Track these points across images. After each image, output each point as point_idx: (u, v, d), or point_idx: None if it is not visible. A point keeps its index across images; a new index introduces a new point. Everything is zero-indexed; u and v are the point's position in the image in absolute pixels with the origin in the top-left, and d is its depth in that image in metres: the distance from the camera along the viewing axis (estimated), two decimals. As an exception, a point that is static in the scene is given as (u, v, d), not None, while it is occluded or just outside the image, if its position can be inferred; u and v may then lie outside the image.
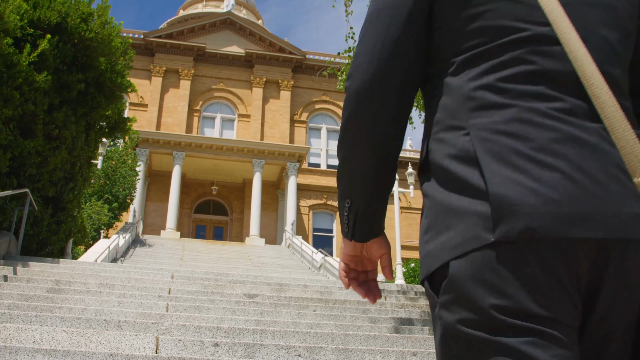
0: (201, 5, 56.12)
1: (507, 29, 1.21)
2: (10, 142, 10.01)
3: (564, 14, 1.19)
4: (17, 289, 7.63)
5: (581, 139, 1.12)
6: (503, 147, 1.12)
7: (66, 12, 11.29)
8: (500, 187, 1.09)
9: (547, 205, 1.07)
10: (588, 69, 1.14)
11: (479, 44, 1.23)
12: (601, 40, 1.23)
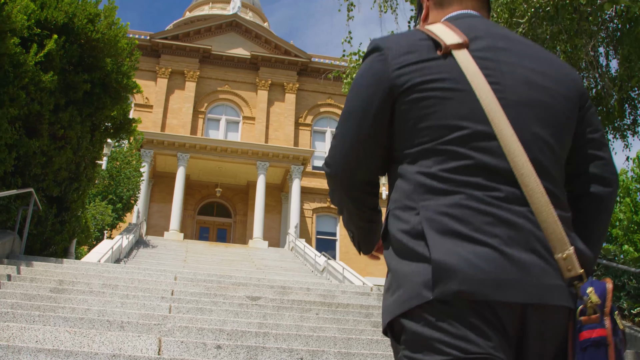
0: (207, 7, 56.22)
1: (452, 127, 1.49)
2: (15, 142, 10.02)
3: (503, 114, 1.48)
4: (20, 288, 7.63)
5: (510, 221, 1.41)
6: (445, 226, 1.41)
7: (73, 12, 11.31)
8: (440, 255, 1.37)
9: (477, 273, 1.35)
10: (520, 160, 1.44)
11: (429, 140, 1.51)
12: (534, 136, 1.51)
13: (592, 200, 1.64)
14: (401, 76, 1.53)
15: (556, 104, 1.57)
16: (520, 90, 1.54)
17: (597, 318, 1.40)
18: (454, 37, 1.56)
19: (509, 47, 1.61)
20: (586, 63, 10.23)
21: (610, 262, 8.95)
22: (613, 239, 19.93)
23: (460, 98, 1.50)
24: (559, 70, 1.64)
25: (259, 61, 41.59)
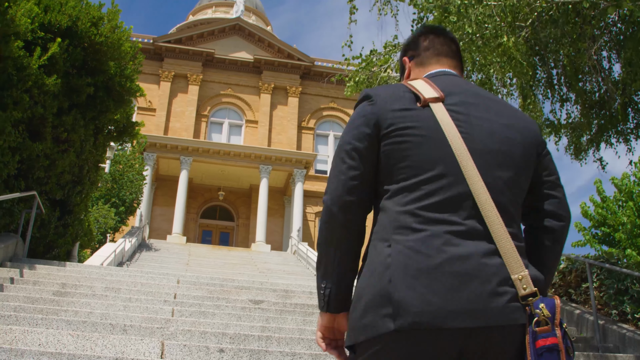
0: (210, 11, 56.29)
1: (426, 168, 1.76)
2: (19, 145, 10.03)
3: (470, 159, 1.76)
4: (23, 291, 7.64)
5: (469, 254, 1.66)
6: (409, 260, 1.65)
7: (77, 16, 11.32)
8: (401, 291, 1.62)
9: (430, 306, 1.59)
10: (483, 199, 1.72)
11: (406, 177, 1.77)
12: (496, 179, 1.79)
13: (547, 233, 1.95)
14: (387, 120, 1.83)
15: (516, 152, 1.87)
16: (486, 140, 1.84)
17: (549, 328, 1.66)
18: (431, 92, 1.87)
19: (478, 103, 1.92)
20: (589, 67, 10.22)
21: (613, 266, 8.93)
22: (616, 243, 19.86)
23: (435, 144, 1.79)
24: (520, 123, 1.94)
25: (262, 65, 41.64)
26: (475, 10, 8.07)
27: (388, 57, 10.73)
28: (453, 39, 2.18)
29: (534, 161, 1.93)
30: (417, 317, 1.59)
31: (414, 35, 2.22)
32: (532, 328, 1.65)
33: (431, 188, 1.75)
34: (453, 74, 2.06)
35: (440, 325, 1.59)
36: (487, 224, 1.71)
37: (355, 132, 1.87)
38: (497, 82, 10.39)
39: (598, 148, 11.30)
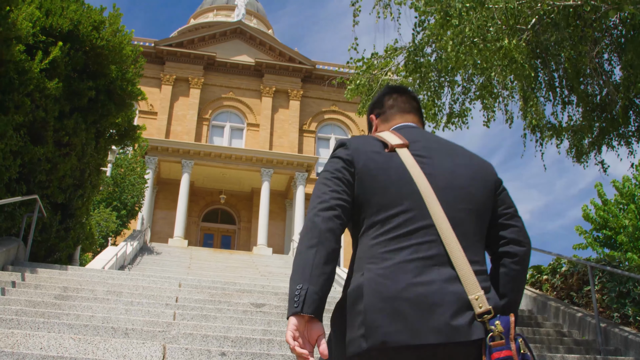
0: (212, 14, 56.35)
1: (395, 204, 2.00)
2: (20, 149, 10.04)
3: (434, 195, 2.01)
4: (25, 295, 7.64)
5: (433, 280, 1.88)
6: (379, 286, 1.88)
7: (78, 19, 11.33)
8: (371, 314, 1.85)
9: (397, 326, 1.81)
10: (445, 229, 1.96)
11: (377, 212, 2.01)
12: (457, 212, 2.03)
13: (510, 257, 2.17)
14: (360, 161, 2.10)
15: (475, 188, 2.13)
16: (447, 178, 2.10)
17: (504, 342, 1.85)
18: (397, 140, 2.17)
19: (439, 148, 2.20)
20: (590, 70, 10.22)
21: (615, 268, 8.92)
22: (618, 246, 19.84)
23: (402, 183, 2.05)
24: (478, 164, 2.22)
25: (263, 68, 41.67)
26: (476, 13, 8.07)
27: (389, 61, 10.74)
28: (414, 97, 2.51)
29: (492, 197, 2.19)
30: (386, 336, 1.82)
31: (379, 96, 2.54)
32: (487, 342, 1.85)
33: (399, 221, 2.00)
34: (415, 127, 2.38)
35: (407, 342, 1.81)
36: (448, 252, 1.95)
37: (335, 166, 2.13)
38: (499, 85, 10.39)
39: (599, 151, 11.29)
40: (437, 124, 10.90)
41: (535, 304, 10.74)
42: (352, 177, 2.09)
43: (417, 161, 2.11)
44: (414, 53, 10.17)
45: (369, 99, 10.77)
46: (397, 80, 10.68)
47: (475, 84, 10.68)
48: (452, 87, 10.79)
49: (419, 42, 10.14)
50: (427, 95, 10.59)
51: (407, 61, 10.22)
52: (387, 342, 1.82)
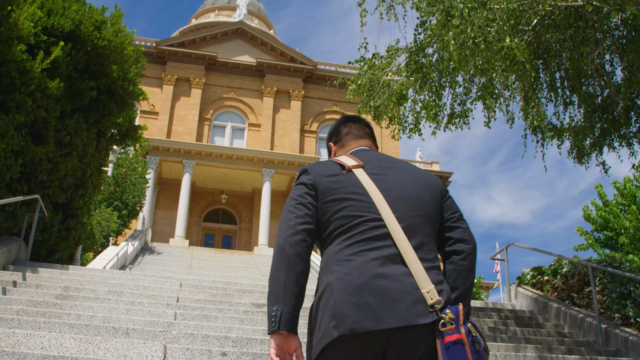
0: (213, 14, 56.36)
1: (355, 216, 2.36)
2: (21, 148, 10.04)
3: (388, 207, 2.37)
4: (26, 294, 7.64)
5: (390, 275, 2.23)
6: (346, 283, 2.21)
7: (80, 19, 11.34)
8: (340, 307, 2.17)
9: (362, 315, 2.13)
10: (398, 234, 2.31)
11: (341, 225, 2.37)
12: (409, 219, 2.39)
13: (458, 254, 2.49)
14: (321, 184, 2.46)
15: (423, 198, 2.50)
16: (399, 191, 2.47)
17: (454, 327, 2.17)
18: (353, 162, 2.53)
19: (391, 166, 2.57)
20: (592, 70, 10.21)
21: (616, 269, 8.91)
22: (619, 247, 19.81)
23: (360, 198, 2.41)
24: (425, 178, 2.59)
25: (264, 68, 41.69)
26: (478, 13, 8.07)
27: (390, 61, 10.73)
28: (367, 124, 2.90)
29: (439, 204, 2.56)
30: (354, 324, 2.14)
31: (335, 126, 2.92)
32: (439, 328, 2.18)
33: (360, 230, 2.36)
34: (368, 150, 2.75)
35: (373, 327, 2.13)
36: (402, 253, 2.30)
37: (299, 192, 2.47)
38: (500, 86, 10.38)
39: (601, 152, 11.27)
40: (438, 125, 10.89)
41: (536, 304, 10.74)
42: (314, 199, 2.45)
43: (372, 178, 2.49)
44: (415, 53, 10.17)
45: (370, 100, 10.77)
46: (398, 81, 10.65)
47: (476, 84, 10.68)
48: (453, 88, 10.78)
49: (420, 43, 10.13)
50: (428, 95, 10.59)
51: (409, 61, 10.21)
52: (355, 329, 2.14)
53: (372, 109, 10.82)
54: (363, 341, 2.15)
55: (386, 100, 10.63)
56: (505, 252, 12.21)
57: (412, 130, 11.11)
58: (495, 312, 10.36)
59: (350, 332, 2.13)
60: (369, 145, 2.81)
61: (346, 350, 2.17)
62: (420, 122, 11.01)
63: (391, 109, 10.94)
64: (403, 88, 10.74)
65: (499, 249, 12.62)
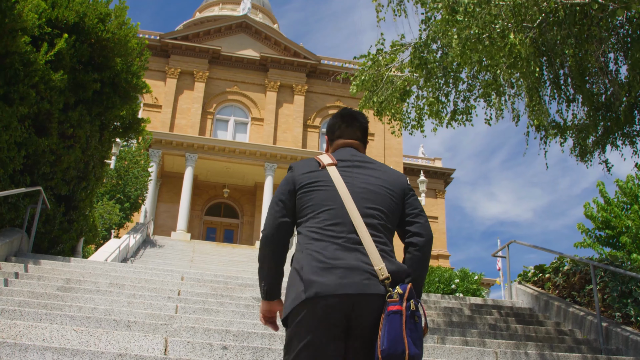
0: (217, 8, 56.31)
1: (323, 205, 2.90)
2: (25, 140, 10.05)
3: (351, 198, 2.89)
4: (27, 286, 7.66)
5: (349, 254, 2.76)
6: (313, 259, 2.75)
7: (84, 12, 11.34)
8: (308, 276, 2.70)
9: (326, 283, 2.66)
10: (358, 222, 2.82)
11: (312, 211, 2.91)
12: (368, 209, 2.91)
13: (414, 246, 3.00)
14: (300, 180, 3.04)
15: (383, 193, 3.01)
16: (362, 186, 3.00)
17: (398, 301, 2.68)
18: (329, 160, 3.08)
19: (362, 166, 3.10)
20: (596, 68, 10.19)
21: (617, 268, 8.91)
22: (621, 246, 19.79)
23: (328, 190, 2.97)
24: (390, 177, 3.10)
25: (268, 62, 41.65)
26: (482, 10, 8.05)
27: (394, 57, 10.71)
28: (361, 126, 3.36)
29: (401, 200, 3.07)
30: (318, 289, 2.69)
31: (331, 124, 3.38)
32: (386, 300, 2.71)
33: (326, 216, 2.91)
34: (349, 149, 3.24)
35: (333, 292, 2.67)
36: (360, 237, 2.84)
37: (281, 190, 3.06)
38: (505, 83, 10.36)
39: (604, 150, 11.24)
40: (441, 121, 10.87)
41: (537, 302, 10.74)
42: (293, 195, 3.03)
43: (342, 175, 3.04)
44: (419, 49, 10.15)
45: (372, 96, 10.76)
46: (401, 77, 10.65)
47: (480, 80, 10.65)
48: (456, 84, 10.76)
49: (425, 38, 10.11)
50: (432, 92, 10.57)
51: (413, 57, 10.18)
52: (319, 292, 2.69)
53: (375, 105, 10.80)
54: (330, 303, 2.69)
55: (389, 96, 10.62)
56: (506, 250, 12.21)
57: (414, 127, 11.10)
58: (495, 309, 10.36)
59: (315, 295, 2.68)
60: (355, 145, 3.30)
61: (311, 309, 2.70)
62: (422, 119, 11.00)
63: (394, 105, 10.92)
64: (406, 84, 10.73)
65: (501, 246, 12.62)
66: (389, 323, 2.67)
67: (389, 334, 2.66)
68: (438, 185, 48.44)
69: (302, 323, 2.72)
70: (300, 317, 2.72)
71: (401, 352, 2.65)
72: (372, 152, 41.27)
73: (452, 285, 21.09)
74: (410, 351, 2.66)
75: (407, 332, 2.68)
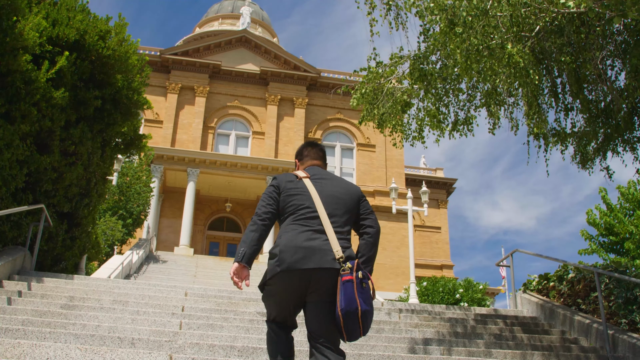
0: (217, 23, 56.52)
1: (299, 206, 4.15)
2: (26, 158, 10.07)
3: (320, 201, 4.15)
4: (31, 304, 7.65)
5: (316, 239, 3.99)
6: (289, 241, 3.98)
7: (84, 29, 11.38)
8: (283, 254, 3.93)
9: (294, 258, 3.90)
10: (324, 217, 4.07)
11: (291, 210, 4.16)
12: (333, 210, 4.15)
13: (366, 235, 4.20)
14: (283, 186, 4.25)
15: (343, 198, 4.22)
16: (328, 193, 4.20)
17: (349, 273, 3.83)
18: (303, 174, 4.31)
19: (327, 178, 4.34)
20: (595, 76, 10.20)
21: (622, 274, 8.88)
22: (624, 252, 19.75)
23: (304, 195, 4.16)
24: (349, 188, 4.34)
25: (268, 76, 41.77)
26: (480, 21, 8.07)
27: (394, 69, 10.73)
28: (321, 149, 4.70)
29: (357, 204, 4.29)
30: (289, 265, 3.87)
31: (300, 149, 4.69)
32: (340, 273, 3.86)
33: (301, 213, 4.11)
34: (317, 167, 4.54)
35: (300, 267, 3.86)
36: (325, 228, 4.03)
37: (269, 190, 4.29)
38: (504, 93, 10.37)
39: (605, 157, 11.23)
40: (442, 132, 10.87)
41: (542, 310, 10.71)
42: (278, 195, 4.26)
43: (314, 184, 4.27)
44: (419, 61, 10.17)
45: (373, 108, 10.76)
46: (401, 89, 10.65)
47: (480, 91, 10.66)
48: (456, 95, 10.76)
49: (424, 51, 10.13)
50: (432, 103, 10.57)
51: (412, 69, 10.20)
52: (290, 266, 3.88)
53: (375, 117, 10.81)
54: (294, 275, 3.89)
55: (390, 108, 10.62)
56: (510, 259, 12.19)
57: (416, 138, 11.10)
58: (500, 319, 10.33)
59: (287, 268, 3.88)
60: (319, 164, 4.60)
61: (284, 280, 3.92)
62: (423, 130, 11.00)
63: (394, 117, 10.92)
64: (407, 96, 10.74)
65: (505, 255, 12.60)
66: (344, 289, 3.81)
67: (345, 296, 3.79)
68: (440, 196, 48.39)
69: (275, 285, 3.99)
70: (274, 282, 3.97)
71: (355, 309, 3.79)
72: (374, 163, 41.30)
73: (457, 295, 21.05)
74: (362, 307, 3.81)
75: (358, 294, 3.81)
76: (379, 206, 38.82)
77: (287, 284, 3.90)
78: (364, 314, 3.78)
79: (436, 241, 46.06)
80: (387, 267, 37.71)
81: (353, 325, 3.80)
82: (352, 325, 3.79)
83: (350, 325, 3.79)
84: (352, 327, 3.80)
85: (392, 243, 38.45)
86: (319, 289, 3.88)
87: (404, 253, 37.44)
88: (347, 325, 3.79)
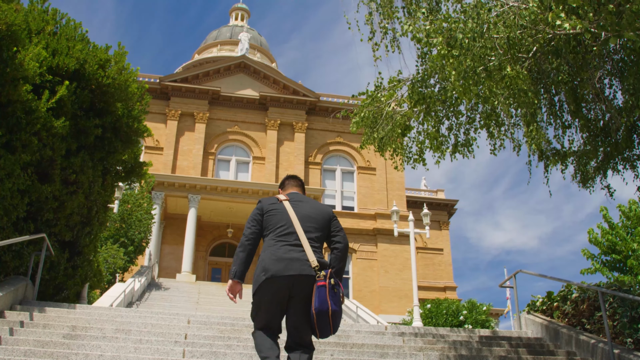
0: (216, 49, 56.92)
1: (278, 224, 5.01)
2: (28, 187, 10.09)
3: (298, 221, 5.01)
4: (33, 334, 7.62)
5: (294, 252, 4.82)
6: (272, 254, 4.82)
7: (84, 58, 11.45)
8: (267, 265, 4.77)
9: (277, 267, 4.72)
10: (300, 234, 4.93)
11: (272, 228, 5.02)
12: (308, 227, 5.01)
13: (336, 250, 5.03)
14: (266, 207, 5.14)
15: (317, 218, 5.10)
16: (304, 213, 5.09)
17: (323, 279, 4.68)
18: (283, 197, 5.23)
19: (303, 201, 5.24)
20: (593, 95, 10.25)
21: (626, 293, 8.84)
22: (628, 270, 19.66)
23: (283, 215, 5.05)
24: (321, 208, 5.23)
25: (267, 101, 41.96)
26: (477, 43, 8.13)
27: (392, 92, 10.78)
28: (299, 180, 5.59)
29: (328, 223, 5.10)
30: (273, 273, 4.66)
31: (282, 180, 5.55)
32: (316, 279, 4.66)
33: (281, 231, 4.91)
34: (296, 193, 5.35)
35: (282, 274, 4.65)
36: (302, 243, 4.83)
37: (254, 213, 5.09)
38: (503, 115, 10.42)
39: (605, 175, 11.24)
40: (442, 154, 10.89)
41: (547, 331, 10.65)
42: (261, 216, 5.05)
43: (292, 206, 5.08)
44: (417, 84, 10.21)
45: (373, 132, 10.81)
46: (400, 112, 10.69)
47: (479, 112, 10.70)
48: (456, 117, 10.80)
49: (422, 74, 10.18)
50: (432, 125, 10.60)
51: (411, 93, 10.24)
52: (274, 274, 4.64)
53: (375, 141, 10.85)
54: (279, 280, 4.64)
55: (389, 131, 10.66)
56: (514, 280, 12.15)
57: (417, 161, 11.12)
58: (505, 341, 10.27)
59: (271, 276, 4.63)
60: (297, 190, 5.46)
61: (269, 286, 4.66)
62: (424, 152, 11.03)
63: (394, 140, 10.96)
64: (406, 119, 10.78)
65: (508, 276, 12.56)
66: (318, 292, 4.61)
67: (319, 298, 4.58)
68: (442, 217, 48.37)
69: (262, 293, 4.72)
70: (261, 290, 4.71)
71: (326, 309, 4.58)
72: (375, 186, 41.29)
73: (461, 317, 20.94)
74: (332, 307, 4.61)
75: (330, 297, 4.62)
76: (381, 229, 38.78)
77: (273, 290, 4.67)
78: (334, 314, 4.62)
79: (439, 263, 45.95)
80: (390, 290, 37.55)
81: (324, 324, 4.63)
82: (323, 323, 4.62)
83: (322, 323, 4.62)
84: (324, 325, 4.63)
85: (394, 266, 38.33)
86: (300, 293, 4.68)
87: (406, 275, 37.32)
88: (320, 323, 4.62)
